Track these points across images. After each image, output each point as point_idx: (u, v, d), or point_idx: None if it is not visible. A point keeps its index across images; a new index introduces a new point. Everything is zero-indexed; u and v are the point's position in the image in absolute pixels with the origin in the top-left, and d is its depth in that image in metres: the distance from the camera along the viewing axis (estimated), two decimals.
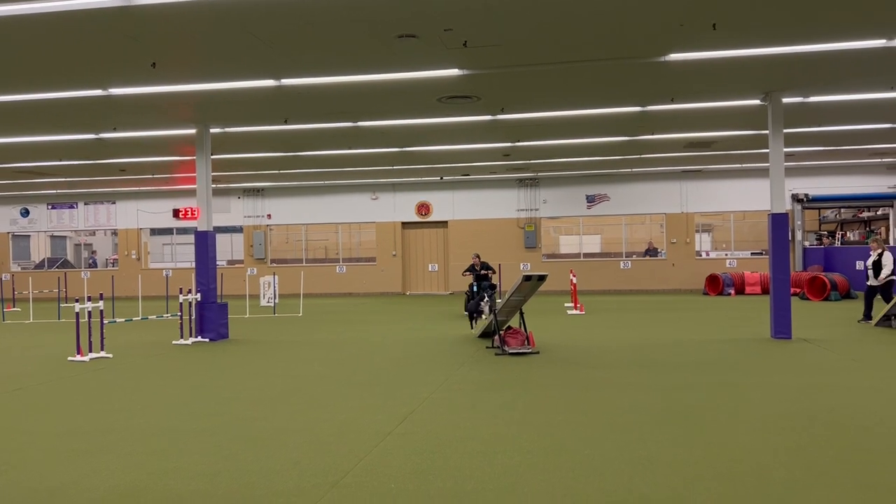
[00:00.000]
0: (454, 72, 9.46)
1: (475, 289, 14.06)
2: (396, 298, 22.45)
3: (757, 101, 11.80)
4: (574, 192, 23.44)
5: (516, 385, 7.85)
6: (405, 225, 24.35)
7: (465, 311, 14.07)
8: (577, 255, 24.03)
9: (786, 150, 15.44)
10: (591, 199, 23.35)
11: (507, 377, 8.33)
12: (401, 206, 24.26)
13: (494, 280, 15.46)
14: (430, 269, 24.32)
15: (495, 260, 22.38)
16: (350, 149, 16.09)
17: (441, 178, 23.06)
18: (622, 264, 23.24)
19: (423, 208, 24.09)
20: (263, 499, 4.36)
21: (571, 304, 16.90)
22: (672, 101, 11.75)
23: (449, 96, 10.94)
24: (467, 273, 15.05)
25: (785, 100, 11.50)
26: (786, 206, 11.85)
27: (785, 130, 12.07)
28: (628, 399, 6.97)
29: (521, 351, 9.88)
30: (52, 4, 6.80)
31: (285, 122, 12.60)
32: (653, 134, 14.99)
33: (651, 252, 23.65)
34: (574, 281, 17.14)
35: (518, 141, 15.61)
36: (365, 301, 21.55)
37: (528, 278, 9.91)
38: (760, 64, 9.49)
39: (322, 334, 13.08)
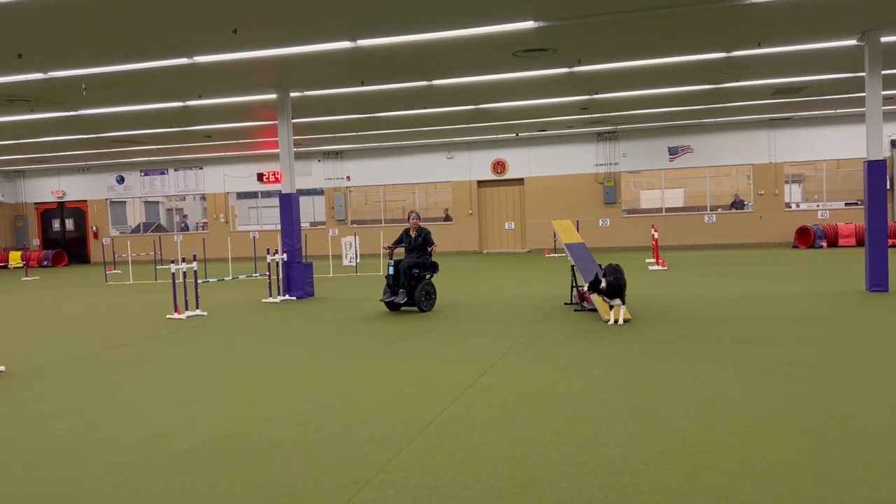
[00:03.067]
0: (529, 24, 9.31)
1: (394, 269, 10.51)
2: (473, 257, 22.59)
3: (853, 42, 11.10)
4: (655, 145, 22.78)
5: (596, 340, 7.85)
6: (481, 183, 24.32)
7: (382, 299, 10.66)
8: (659, 210, 23.46)
9: (884, 93, 14.50)
10: (673, 152, 22.65)
11: (586, 332, 8.33)
12: (476, 165, 24.22)
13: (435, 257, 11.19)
14: (506, 227, 24.29)
15: (574, 216, 22.17)
16: (424, 108, 16.13)
17: (517, 135, 22.84)
18: (706, 218, 22.55)
19: (499, 166, 23.97)
20: (352, 446, 4.58)
21: (653, 260, 16.60)
22: (759, 46, 11.20)
23: (524, 50, 10.79)
24: (394, 247, 11.00)
25: (883, 39, 10.77)
26: (883, 152, 11.19)
27: (883, 72, 11.32)
28: (711, 353, 6.87)
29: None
30: None
31: (361, 84, 12.73)
32: (738, 81, 14.35)
33: (737, 205, 22.83)
34: (656, 236, 16.80)
35: (596, 93, 15.26)
36: (442, 259, 21.79)
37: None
38: (856, 0, 8.91)
39: None
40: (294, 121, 15.16)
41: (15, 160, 24.31)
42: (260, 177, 25.87)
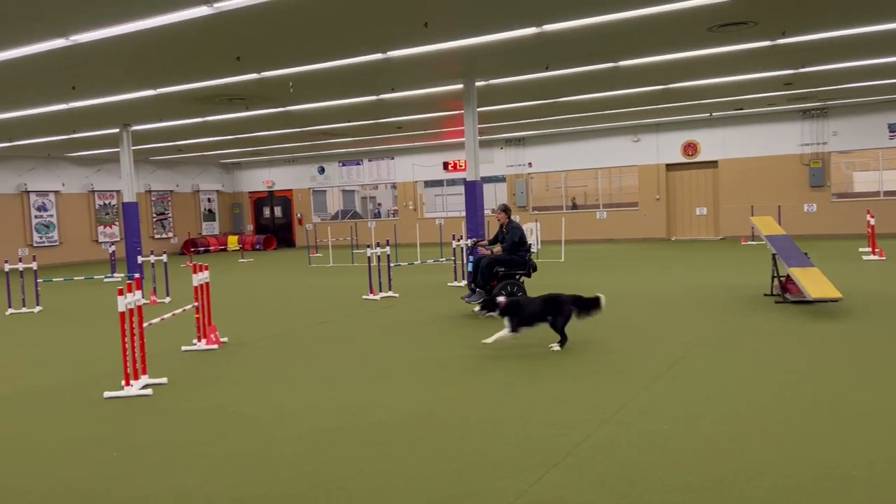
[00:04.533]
0: None
1: (473, 266, 9.71)
2: (661, 244, 21.71)
3: None
4: (872, 122, 20.41)
5: (798, 334, 7.26)
6: (669, 167, 23.25)
7: (466, 299, 9.64)
8: (876, 194, 21.03)
9: None
10: (893, 129, 20.17)
11: (787, 326, 7.73)
12: (664, 147, 23.19)
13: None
14: (697, 212, 23.05)
15: (775, 201, 20.56)
16: (610, 90, 15.72)
17: (710, 115, 21.53)
18: None
19: (690, 148, 22.77)
20: (539, 428, 4.64)
21: (868, 249, 14.96)
22: None
23: (721, 24, 10.14)
24: (487, 248, 9.90)
25: None
26: None
27: None
28: None
29: (803, 299, 9.05)
30: None
31: (546, 69, 12.68)
32: None
33: None
34: (872, 222, 15.11)
35: (802, 67, 13.96)
36: (627, 247, 21.18)
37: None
38: None
39: (585, 279, 13.19)
40: (479, 109, 15.45)
41: (232, 153, 27.07)
42: (445, 165, 26.71)
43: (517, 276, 9.51)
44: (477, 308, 7.41)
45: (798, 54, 12.66)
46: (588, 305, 7.23)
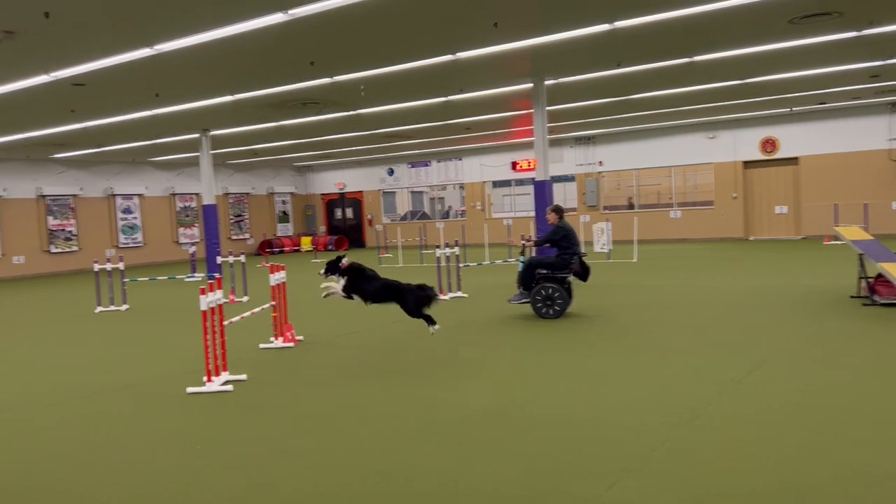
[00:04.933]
0: None
1: (522, 266, 9.61)
2: (738, 244, 21.03)
3: None
4: None
5: (886, 338, 6.91)
6: (747, 164, 22.49)
7: (510, 300, 9.77)
8: None
9: None
10: None
11: (875, 330, 7.37)
12: (742, 144, 22.45)
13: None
14: (776, 211, 22.22)
15: (860, 199, 19.63)
16: (684, 86, 15.33)
17: (790, 110, 20.72)
18: None
19: (769, 144, 21.97)
20: (614, 430, 4.58)
21: None
22: None
23: (803, 16, 9.76)
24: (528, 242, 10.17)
25: None
26: None
27: None
28: None
29: (893, 301, 8.61)
30: None
31: (618, 66, 12.48)
32: None
33: None
34: None
35: (890, 58, 13.29)
36: (702, 247, 20.60)
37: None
38: None
39: (658, 280, 12.92)
40: (548, 108, 15.33)
41: (306, 157, 27.73)
42: (514, 165, 26.62)
43: (561, 278, 9.28)
44: (321, 271, 7.53)
45: (886, 45, 12.06)
46: (424, 298, 7.28)
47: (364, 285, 7.33)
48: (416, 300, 7.20)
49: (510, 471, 4.00)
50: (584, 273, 9.51)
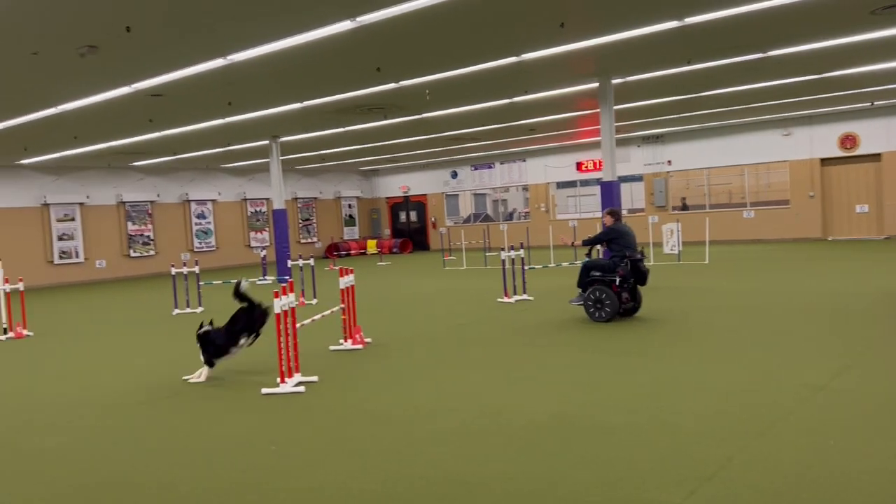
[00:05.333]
0: None
1: (582, 273, 9.46)
2: (816, 244, 20.22)
3: None
4: None
5: None
6: (825, 161, 21.58)
7: (571, 301, 9.72)
8: None
9: None
10: None
11: None
12: (819, 141, 21.56)
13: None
14: (857, 210, 21.25)
15: None
16: (758, 82, 14.84)
17: (871, 104, 19.79)
18: None
19: (848, 141, 21.03)
20: (689, 437, 4.46)
21: None
22: None
23: (886, 6, 9.30)
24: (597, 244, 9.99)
25: None
26: None
27: None
28: None
29: None
30: None
31: (688, 63, 12.18)
32: None
33: None
34: None
35: None
36: (778, 247, 19.89)
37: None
38: None
39: (732, 282, 12.53)
40: (615, 107, 15.09)
41: (371, 161, 28.12)
42: (579, 166, 26.30)
43: (613, 279, 9.13)
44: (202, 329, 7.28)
45: None
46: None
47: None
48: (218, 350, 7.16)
49: (582, 478, 3.94)
50: (637, 277, 9.25)
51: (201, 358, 7.14)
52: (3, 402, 6.72)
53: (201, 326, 7.27)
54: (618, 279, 9.11)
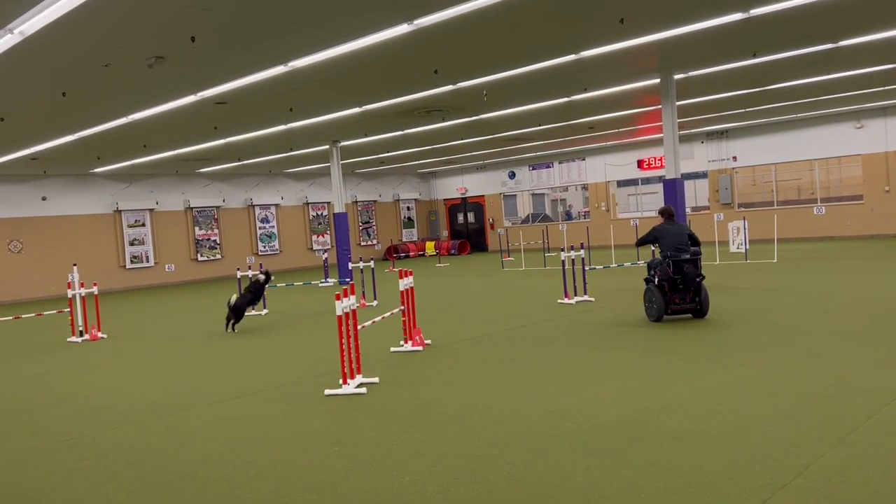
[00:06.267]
0: None
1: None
2: (892, 241, 19.30)
3: None
4: None
5: None
6: None
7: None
8: None
9: None
10: None
11: None
12: (894, 133, 20.58)
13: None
14: None
15: None
16: (828, 74, 14.26)
17: None
18: None
19: None
20: (762, 444, 4.30)
21: None
22: None
23: None
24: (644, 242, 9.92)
25: None
26: None
27: None
28: None
29: None
30: None
31: (753, 56, 11.79)
32: None
33: None
34: None
35: None
36: (851, 245, 19.07)
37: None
38: None
39: (802, 281, 12.07)
40: (677, 103, 14.74)
41: (428, 163, 28.26)
42: (640, 163, 25.82)
43: (649, 278, 9.21)
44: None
45: None
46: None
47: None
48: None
49: (650, 485, 3.84)
50: (683, 278, 8.92)
51: (231, 320, 11.01)
52: (84, 402, 7.00)
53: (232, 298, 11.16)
54: (657, 278, 8.98)
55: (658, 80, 13.15)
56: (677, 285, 9.01)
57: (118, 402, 6.84)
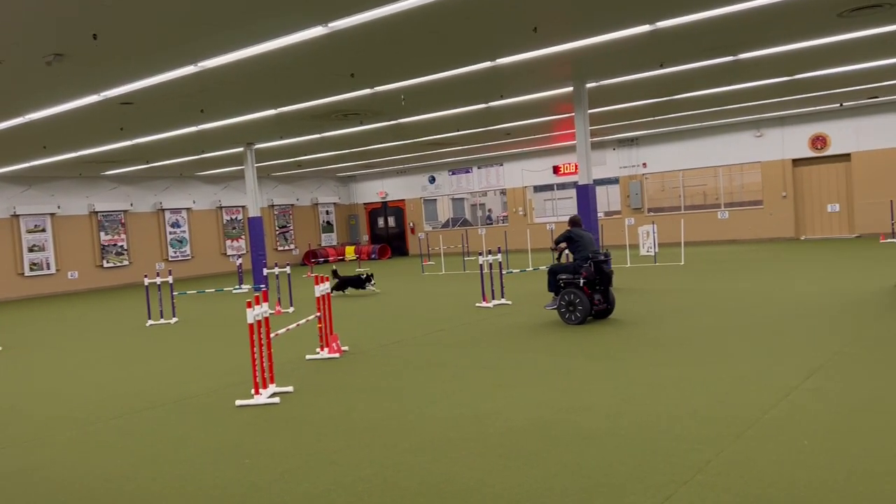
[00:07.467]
0: None
1: (549, 277, 9.86)
2: (789, 244, 20.48)
3: None
4: None
5: None
6: (796, 162, 21.89)
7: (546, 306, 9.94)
8: None
9: None
10: None
11: None
12: (790, 141, 21.87)
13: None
14: (829, 209, 21.58)
15: None
16: (730, 85, 15.01)
17: (840, 105, 20.12)
18: None
19: (819, 141, 21.35)
20: (667, 442, 4.45)
21: None
22: None
23: (851, 9, 9.45)
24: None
25: None
26: None
27: None
28: None
29: None
30: None
31: (660, 66, 12.27)
32: None
33: None
34: None
35: None
36: (752, 248, 20.11)
37: None
38: None
39: (707, 283, 12.63)
40: (590, 111, 15.17)
41: (348, 167, 28.00)
42: (556, 169, 26.42)
43: (583, 283, 9.22)
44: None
45: None
46: None
47: None
48: None
49: (560, 485, 3.92)
50: (602, 278, 9.29)
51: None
52: None
53: (336, 273, 14.34)
54: (582, 280, 9.21)
55: (571, 89, 13.49)
56: (596, 286, 9.27)
57: (12, 418, 6.44)
